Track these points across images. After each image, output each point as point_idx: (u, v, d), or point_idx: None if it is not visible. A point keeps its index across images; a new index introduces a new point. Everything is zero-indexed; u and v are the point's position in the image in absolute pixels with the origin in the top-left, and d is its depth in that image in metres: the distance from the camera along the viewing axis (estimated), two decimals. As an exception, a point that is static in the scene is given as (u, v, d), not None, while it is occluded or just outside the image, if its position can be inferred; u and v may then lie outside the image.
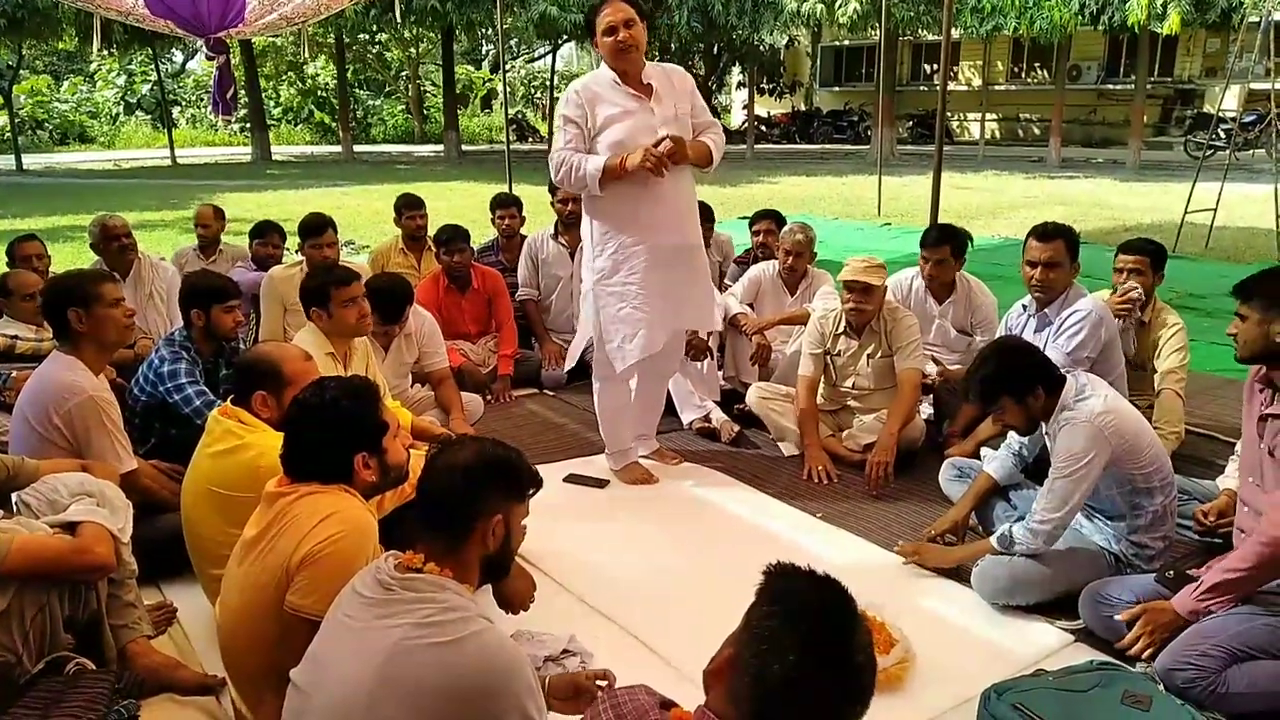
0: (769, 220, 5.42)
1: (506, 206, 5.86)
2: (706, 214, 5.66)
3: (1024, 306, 3.90)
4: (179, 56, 34.91)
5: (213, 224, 5.75)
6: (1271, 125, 10.52)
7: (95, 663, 2.23)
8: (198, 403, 3.36)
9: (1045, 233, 3.70)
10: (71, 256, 9.58)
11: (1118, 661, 2.48)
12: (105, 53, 26.85)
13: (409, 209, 5.70)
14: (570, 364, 4.43)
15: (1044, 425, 2.91)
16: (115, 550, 2.29)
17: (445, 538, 1.77)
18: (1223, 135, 15.49)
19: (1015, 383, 2.83)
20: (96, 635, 2.29)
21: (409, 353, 4.30)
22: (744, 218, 9.21)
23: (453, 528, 1.77)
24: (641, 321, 3.63)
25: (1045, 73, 26.62)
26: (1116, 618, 2.58)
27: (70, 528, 2.25)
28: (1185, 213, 9.42)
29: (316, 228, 4.82)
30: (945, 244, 4.36)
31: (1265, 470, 2.55)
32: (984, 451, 3.52)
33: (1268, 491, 2.55)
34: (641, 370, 3.89)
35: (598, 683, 2.06)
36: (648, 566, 3.24)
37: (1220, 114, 14.11)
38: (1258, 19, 9.47)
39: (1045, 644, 2.70)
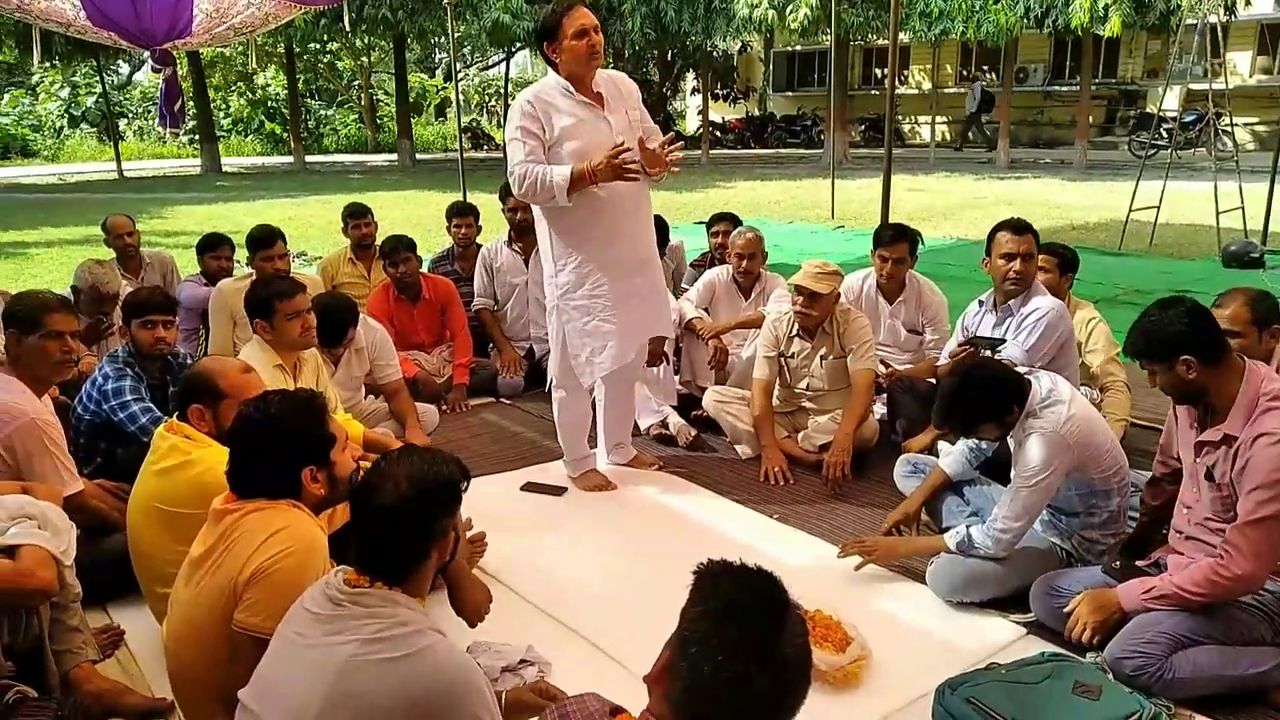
0: (726, 222, 5.45)
1: (463, 215, 5.82)
2: (662, 230, 5.69)
3: (980, 303, 3.94)
4: (125, 68, 34.27)
5: (134, 231, 5.61)
6: (1210, 125, 10.78)
7: (37, 690, 2.17)
8: (144, 420, 3.29)
9: (1020, 225, 3.72)
10: (13, 273, 9.37)
11: (1068, 653, 2.53)
12: (47, 65, 26.28)
13: (355, 218, 5.65)
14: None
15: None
16: (58, 573, 2.24)
17: (399, 566, 1.75)
18: (1165, 135, 15.84)
19: (993, 411, 2.83)
20: (39, 661, 2.24)
21: (360, 366, 4.25)
22: (700, 223, 9.25)
23: (406, 559, 1.76)
24: (611, 334, 3.61)
25: (993, 75, 27.04)
26: (1066, 610, 2.62)
27: (10, 551, 2.19)
28: (1130, 211, 9.63)
29: (265, 240, 4.75)
30: (903, 241, 4.39)
31: (1200, 486, 2.54)
32: (941, 446, 3.56)
33: (1202, 506, 2.55)
34: (608, 379, 3.89)
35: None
36: (606, 573, 3.24)
37: (1162, 114, 14.40)
38: (1194, 21, 9.71)
39: (998, 638, 2.74)
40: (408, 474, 1.76)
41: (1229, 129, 14.16)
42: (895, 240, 4.40)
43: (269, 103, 34.40)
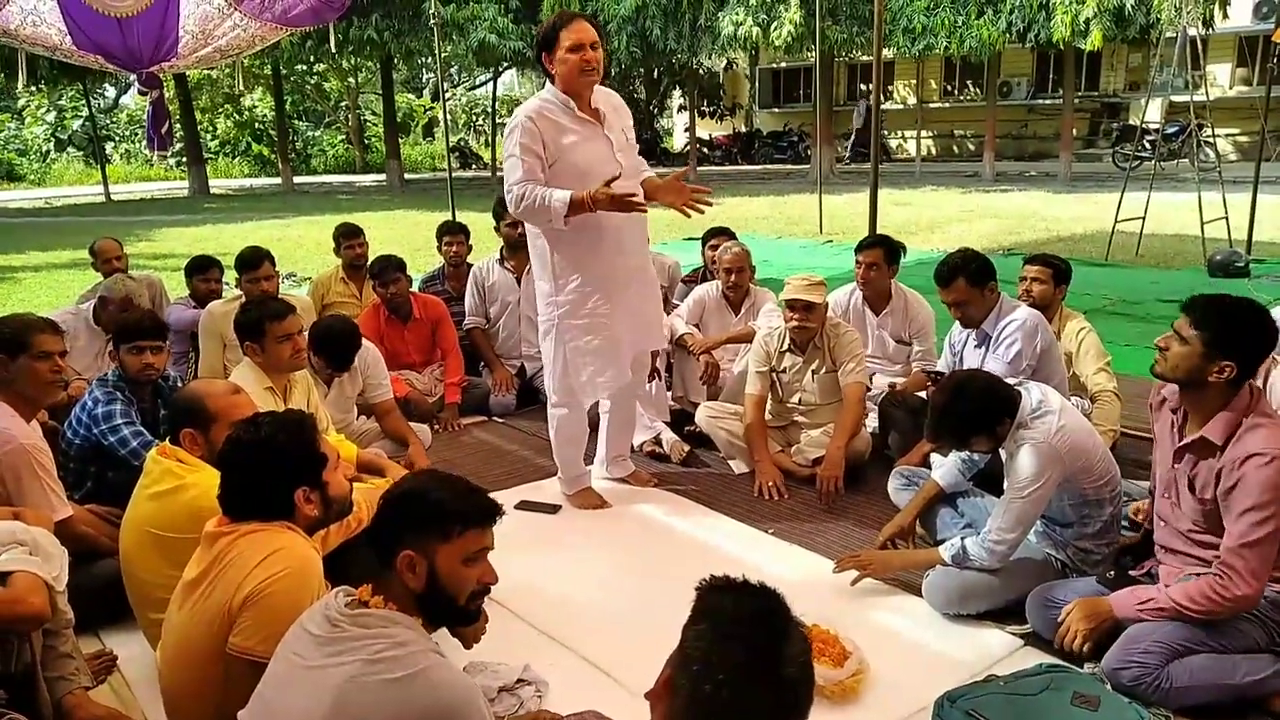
0: (723, 236, 5.45)
1: (454, 234, 5.83)
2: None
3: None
4: (111, 91, 34.22)
5: (123, 255, 5.65)
6: (1193, 136, 10.89)
7: (30, 718, 2.15)
8: (135, 444, 3.27)
9: (941, 275, 3.78)
10: (0, 298, 9.33)
11: (1066, 663, 2.53)
12: (33, 89, 26.22)
13: (348, 238, 5.65)
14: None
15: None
16: (50, 599, 2.21)
17: (378, 567, 1.77)
18: (1148, 146, 15.98)
19: (984, 423, 2.84)
20: (31, 689, 2.21)
21: (352, 386, 4.24)
22: (690, 238, 9.28)
23: (379, 558, 1.77)
24: (613, 351, 3.61)
25: (977, 90, 27.24)
26: (1060, 620, 2.62)
27: (1, 578, 2.17)
28: (1115, 222, 9.70)
29: (252, 261, 4.78)
30: (876, 247, 4.50)
31: (1181, 496, 2.54)
32: (933, 457, 3.57)
33: (1183, 516, 2.55)
34: (612, 392, 3.88)
35: None
36: (602, 591, 3.23)
37: (1144, 126, 14.52)
38: (1174, 34, 9.82)
39: (995, 650, 2.74)
40: (412, 480, 1.88)
41: (1211, 140, 14.32)
42: (869, 246, 4.53)
43: (256, 124, 34.41)
